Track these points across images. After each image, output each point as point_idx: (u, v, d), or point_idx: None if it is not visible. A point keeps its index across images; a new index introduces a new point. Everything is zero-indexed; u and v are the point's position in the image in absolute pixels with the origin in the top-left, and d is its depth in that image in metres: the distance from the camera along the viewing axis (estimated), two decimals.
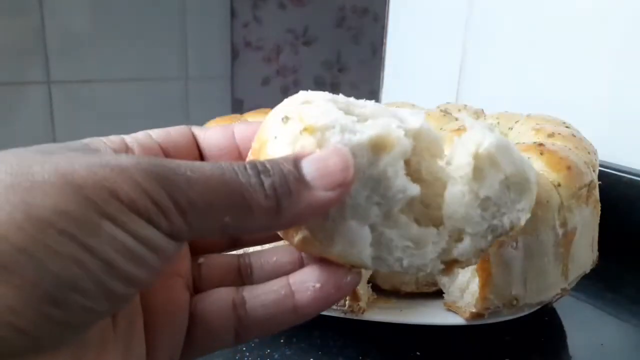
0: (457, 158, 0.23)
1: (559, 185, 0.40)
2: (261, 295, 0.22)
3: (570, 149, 0.45)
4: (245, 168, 0.18)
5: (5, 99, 0.96)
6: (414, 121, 0.23)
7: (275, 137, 0.21)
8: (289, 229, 0.22)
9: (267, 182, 0.18)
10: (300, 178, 0.19)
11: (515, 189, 0.23)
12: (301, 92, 0.23)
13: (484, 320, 0.39)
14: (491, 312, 0.39)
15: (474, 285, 0.39)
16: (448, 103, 0.65)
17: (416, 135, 0.23)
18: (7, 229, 0.15)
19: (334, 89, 1.37)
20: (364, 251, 0.21)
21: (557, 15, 0.68)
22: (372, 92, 1.36)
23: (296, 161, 0.19)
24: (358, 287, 0.38)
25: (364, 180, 0.21)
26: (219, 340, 0.22)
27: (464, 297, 0.40)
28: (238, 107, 1.23)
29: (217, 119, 0.57)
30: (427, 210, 0.23)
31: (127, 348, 0.20)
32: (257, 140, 0.23)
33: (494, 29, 0.78)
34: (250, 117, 0.60)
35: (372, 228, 0.21)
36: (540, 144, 0.44)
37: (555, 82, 0.68)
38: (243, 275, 0.25)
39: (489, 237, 0.23)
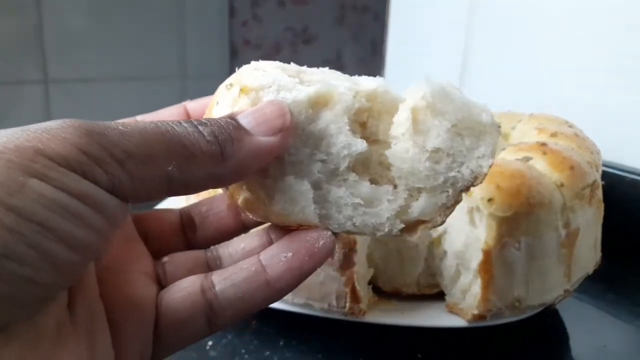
0: (397, 116, 0.22)
1: (562, 185, 0.40)
2: (231, 276, 0.21)
3: (573, 148, 0.44)
4: (180, 122, 0.18)
5: (3, 98, 0.96)
6: (369, 83, 0.22)
7: (218, 103, 0.22)
8: (234, 190, 0.21)
9: (205, 130, 0.19)
10: (239, 126, 0.19)
11: (469, 135, 0.22)
12: (252, 62, 0.23)
13: (486, 322, 0.39)
14: (493, 313, 0.39)
15: (476, 287, 0.39)
16: None
17: (371, 97, 0.22)
18: None
19: None
20: (307, 208, 0.21)
21: (560, 14, 0.67)
22: None
23: (232, 116, 0.20)
24: (359, 289, 0.38)
25: (304, 137, 0.21)
26: (191, 330, 0.21)
27: (465, 299, 0.40)
28: None
29: None
30: (387, 172, 0.23)
31: (91, 343, 0.19)
32: (206, 111, 0.24)
33: (496, 27, 0.77)
34: None
35: (316, 185, 0.21)
36: (543, 144, 0.44)
37: (558, 82, 0.68)
38: (212, 268, 0.24)
39: (450, 192, 0.22)
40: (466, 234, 0.39)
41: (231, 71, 0.24)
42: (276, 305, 0.39)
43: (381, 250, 0.43)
